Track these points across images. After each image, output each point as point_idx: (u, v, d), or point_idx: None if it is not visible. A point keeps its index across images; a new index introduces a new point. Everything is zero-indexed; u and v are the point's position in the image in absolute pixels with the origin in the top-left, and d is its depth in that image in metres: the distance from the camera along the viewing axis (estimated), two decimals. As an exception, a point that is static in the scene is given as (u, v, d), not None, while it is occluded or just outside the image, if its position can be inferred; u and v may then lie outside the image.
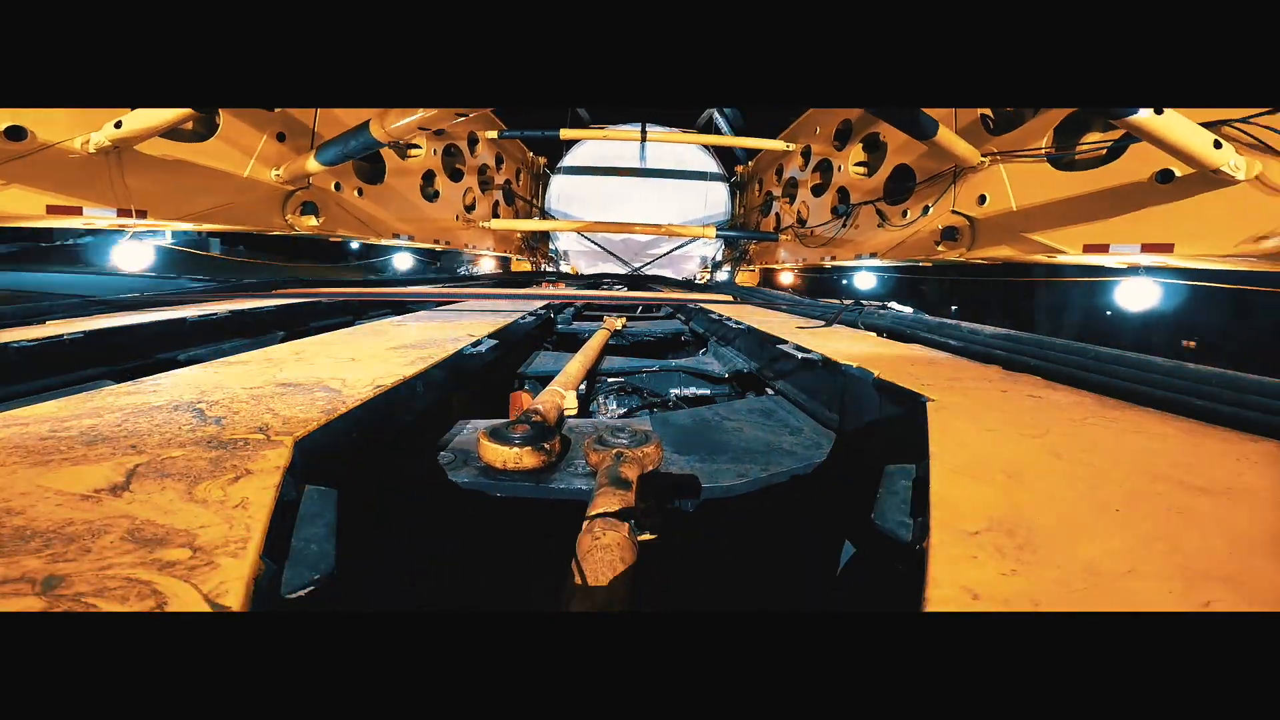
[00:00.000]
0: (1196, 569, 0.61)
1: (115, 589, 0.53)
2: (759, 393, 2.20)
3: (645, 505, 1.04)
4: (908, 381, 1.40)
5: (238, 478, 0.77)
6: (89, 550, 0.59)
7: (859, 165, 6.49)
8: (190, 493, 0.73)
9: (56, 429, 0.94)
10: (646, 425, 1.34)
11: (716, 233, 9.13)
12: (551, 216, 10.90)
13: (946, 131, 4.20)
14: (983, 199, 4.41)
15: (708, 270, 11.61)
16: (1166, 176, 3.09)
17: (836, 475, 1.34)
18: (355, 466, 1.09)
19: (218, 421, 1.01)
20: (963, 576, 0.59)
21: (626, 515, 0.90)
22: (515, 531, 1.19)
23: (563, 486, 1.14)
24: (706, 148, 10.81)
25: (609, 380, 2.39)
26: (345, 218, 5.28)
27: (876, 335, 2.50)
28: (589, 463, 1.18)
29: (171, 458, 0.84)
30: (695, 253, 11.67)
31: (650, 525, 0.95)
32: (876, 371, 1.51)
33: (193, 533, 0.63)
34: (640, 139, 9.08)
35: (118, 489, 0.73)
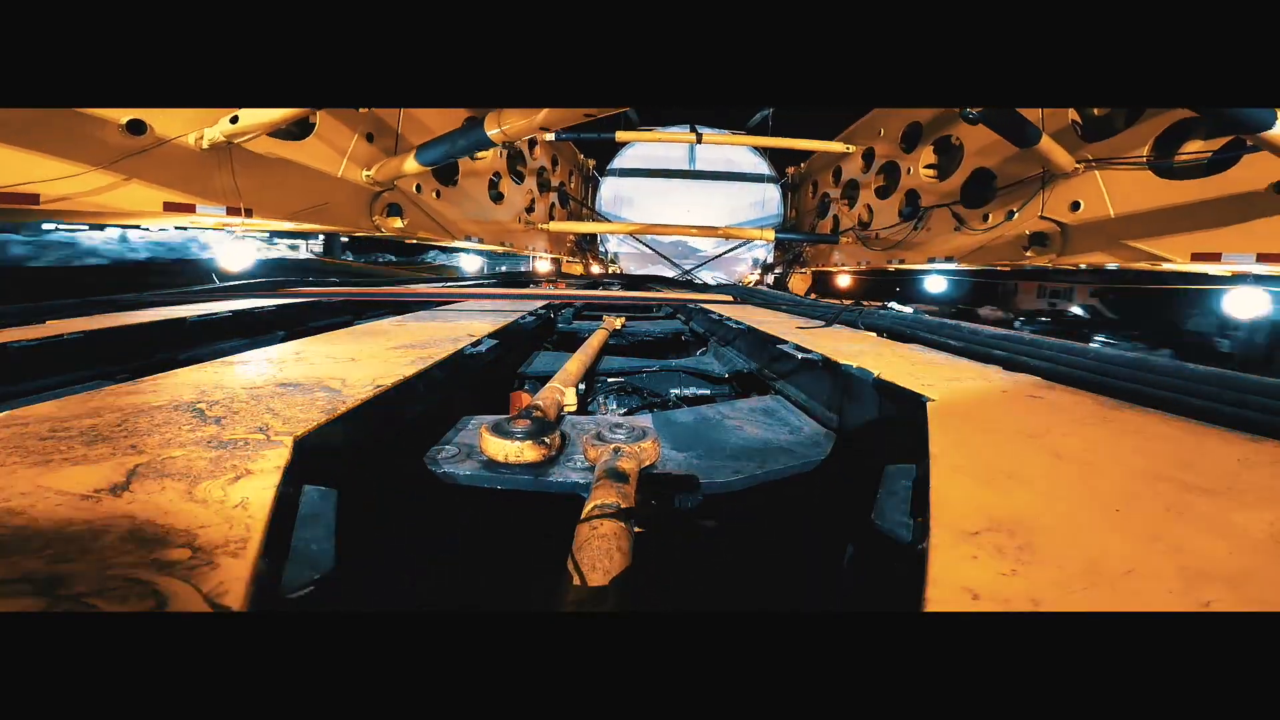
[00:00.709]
0: (1196, 569, 0.61)
1: (115, 589, 0.53)
2: (759, 393, 2.20)
3: (643, 500, 1.04)
4: (908, 381, 1.40)
5: (238, 477, 0.77)
6: (89, 550, 0.59)
7: (929, 168, 6.50)
8: (190, 493, 0.73)
9: (56, 429, 0.94)
10: (645, 422, 1.34)
11: (776, 235, 9.12)
12: (603, 219, 10.90)
13: (1048, 138, 4.20)
14: (1076, 205, 4.41)
15: (759, 272, 11.58)
16: None
17: (836, 475, 1.34)
18: (355, 466, 1.09)
19: (218, 421, 1.01)
20: (963, 576, 0.59)
21: (624, 509, 0.91)
22: (514, 528, 1.20)
23: (561, 480, 1.15)
24: (756, 149, 10.80)
25: (609, 380, 2.39)
26: (423, 219, 5.25)
27: (876, 335, 2.50)
28: (587, 458, 1.18)
29: (171, 457, 0.84)
30: (746, 255, 11.67)
31: (648, 519, 0.95)
32: (876, 371, 1.51)
33: (193, 533, 0.63)
34: (694, 140, 9.11)
35: (118, 489, 0.73)
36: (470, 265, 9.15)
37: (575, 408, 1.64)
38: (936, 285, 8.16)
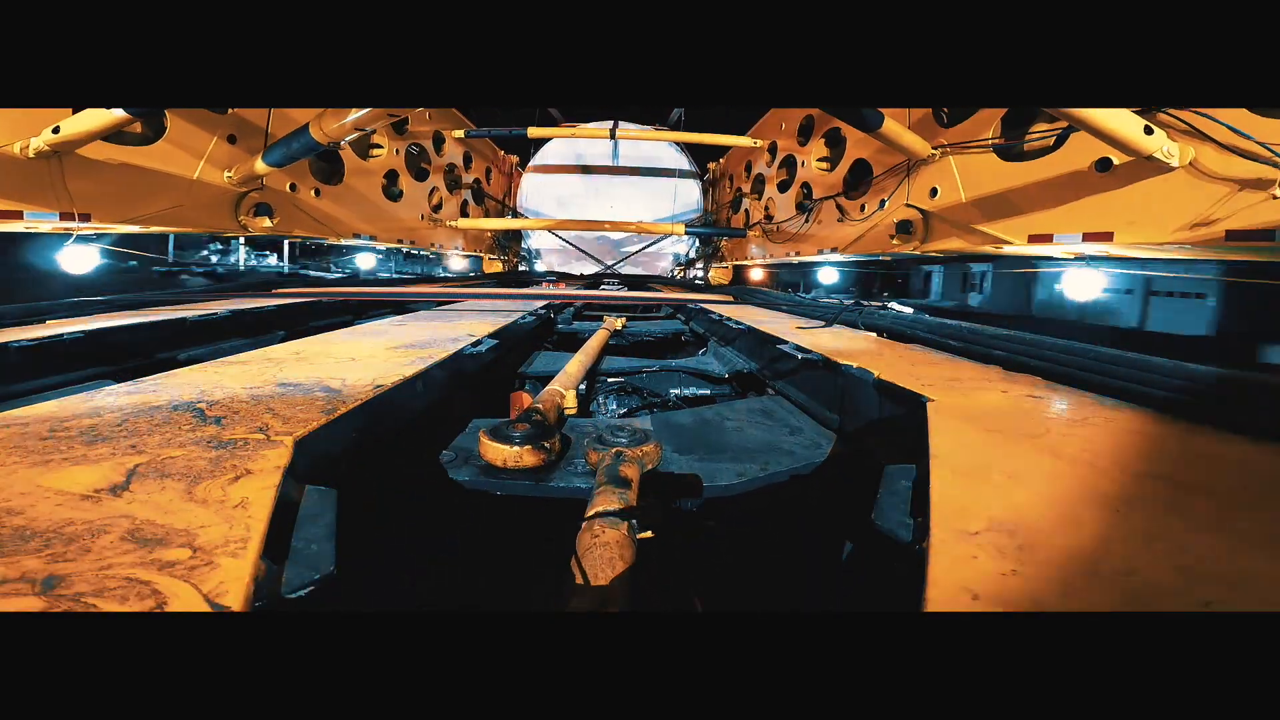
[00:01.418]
0: (1196, 569, 0.61)
1: (115, 589, 0.53)
2: (759, 393, 2.20)
3: (645, 504, 1.04)
4: (908, 381, 1.40)
5: (238, 477, 0.77)
6: (89, 550, 0.59)
7: (821, 161, 6.47)
8: (190, 493, 0.73)
9: (56, 429, 0.94)
10: (646, 425, 1.34)
11: (686, 229, 9.10)
12: (523, 215, 10.89)
13: (892, 123, 4.15)
14: (934, 192, 4.39)
15: (681, 268, 11.62)
16: (1105, 165, 3.08)
17: (837, 475, 1.34)
18: (355, 466, 1.09)
19: (218, 421, 1.01)
20: (963, 576, 0.59)
21: (626, 514, 0.90)
22: (515, 531, 1.19)
23: (562, 485, 1.14)
24: (679, 145, 10.82)
25: (609, 380, 2.39)
26: (302, 218, 5.28)
27: (876, 335, 2.50)
28: (589, 462, 1.18)
29: (171, 457, 0.84)
30: (668, 250, 11.67)
31: (650, 524, 0.95)
32: (876, 371, 1.51)
33: (193, 533, 0.63)
34: (610, 136, 9.09)
35: (118, 489, 0.73)
36: (366, 263, 9.32)
37: (575, 410, 1.64)
38: (829, 276, 8.33)
